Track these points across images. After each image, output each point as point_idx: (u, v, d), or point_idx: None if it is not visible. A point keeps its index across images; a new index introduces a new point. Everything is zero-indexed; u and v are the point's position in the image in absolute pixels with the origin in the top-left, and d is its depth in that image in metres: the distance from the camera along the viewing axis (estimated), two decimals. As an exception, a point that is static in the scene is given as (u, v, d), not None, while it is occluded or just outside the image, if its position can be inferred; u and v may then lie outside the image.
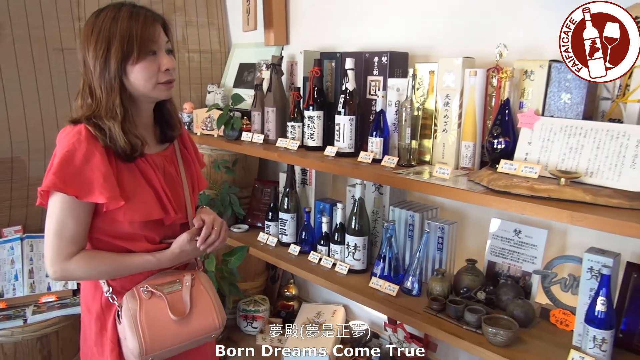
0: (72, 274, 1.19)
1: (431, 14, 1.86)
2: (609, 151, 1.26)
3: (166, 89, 1.23)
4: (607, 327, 1.25)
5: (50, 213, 1.16)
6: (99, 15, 1.19)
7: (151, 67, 1.18)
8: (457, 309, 1.49)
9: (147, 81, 1.19)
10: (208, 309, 1.29)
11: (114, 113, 1.17)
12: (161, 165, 1.29)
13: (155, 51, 1.20)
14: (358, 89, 1.85)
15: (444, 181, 1.45)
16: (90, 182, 1.13)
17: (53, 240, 1.16)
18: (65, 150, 1.13)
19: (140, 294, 1.23)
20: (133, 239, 1.24)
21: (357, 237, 1.85)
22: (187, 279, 1.29)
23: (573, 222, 1.17)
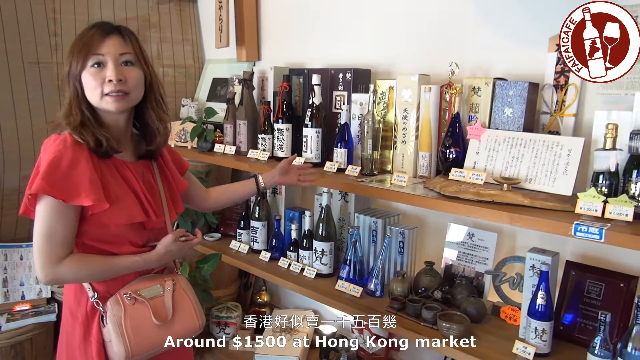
0: (63, 277, 1.21)
1: (392, 35, 2.00)
2: (545, 160, 1.41)
3: (113, 101, 1.22)
4: (547, 318, 1.38)
5: (39, 218, 1.19)
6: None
7: (95, 78, 1.20)
8: (416, 307, 1.60)
9: (93, 91, 1.21)
10: (189, 312, 1.34)
11: (72, 119, 1.22)
12: (140, 172, 1.34)
13: (100, 62, 1.21)
14: (324, 103, 1.97)
15: (401, 188, 1.57)
16: (77, 186, 1.17)
17: (43, 244, 1.18)
18: (52, 156, 1.17)
19: (124, 300, 1.25)
20: (118, 242, 1.27)
21: (324, 242, 1.95)
22: (168, 284, 1.33)
23: (512, 222, 1.30)
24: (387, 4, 2.00)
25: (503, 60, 1.70)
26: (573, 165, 1.36)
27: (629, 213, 1.17)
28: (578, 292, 1.49)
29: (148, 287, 1.30)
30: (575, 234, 1.17)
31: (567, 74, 1.54)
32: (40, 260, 1.18)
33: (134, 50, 1.26)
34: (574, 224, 1.18)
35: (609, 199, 1.21)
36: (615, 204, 1.19)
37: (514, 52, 1.67)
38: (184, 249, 1.36)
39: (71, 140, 1.21)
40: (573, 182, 1.35)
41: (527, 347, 1.38)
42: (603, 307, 1.39)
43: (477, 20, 1.74)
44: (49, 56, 2.41)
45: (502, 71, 1.68)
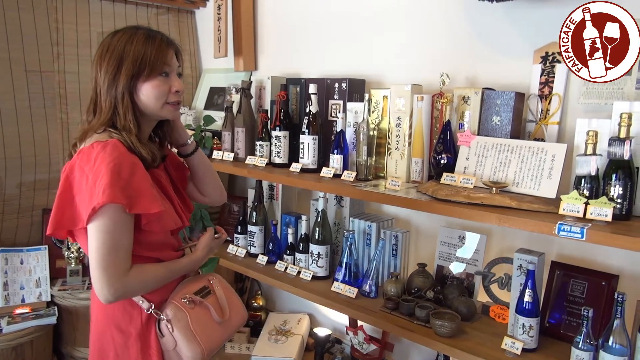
0: (131, 289, 1.19)
1: (386, 46, 2.08)
2: (531, 165, 1.49)
3: (173, 110, 1.30)
4: (534, 315, 1.45)
5: (102, 230, 1.13)
6: (114, 36, 1.26)
7: (162, 87, 1.25)
8: (409, 306, 1.67)
9: (157, 100, 1.25)
10: (238, 304, 1.44)
11: (128, 127, 1.22)
12: (166, 177, 1.37)
13: (168, 73, 1.26)
14: (320, 111, 2.05)
15: (395, 192, 1.64)
16: (140, 194, 1.15)
17: (109, 257, 1.13)
18: (111, 164, 1.13)
19: (184, 305, 1.27)
20: (162, 248, 1.29)
21: (320, 246, 2.01)
22: (215, 283, 1.39)
23: (500, 223, 1.38)
24: (381, 17, 2.09)
25: (491, 71, 1.79)
26: (557, 170, 1.44)
27: (609, 214, 1.25)
28: (563, 290, 1.57)
29: (197, 288, 1.34)
30: (558, 234, 1.25)
31: (551, 85, 1.64)
32: (106, 275, 1.13)
33: (182, 63, 1.34)
34: (557, 224, 1.26)
35: (590, 201, 1.29)
36: (596, 205, 1.27)
37: (501, 63, 1.77)
38: (218, 246, 1.44)
39: (122, 145, 1.19)
40: (557, 186, 1.43)
41: (515, 343, 1.46)
42: (586, 305, 1.46)
43: (467, 34, 1.84)
44: (50, 65, 2.46)
45: (491, 82, 1.77)
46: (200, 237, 1.42)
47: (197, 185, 1.53)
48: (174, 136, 1.43)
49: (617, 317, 1.28)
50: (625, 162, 1.30)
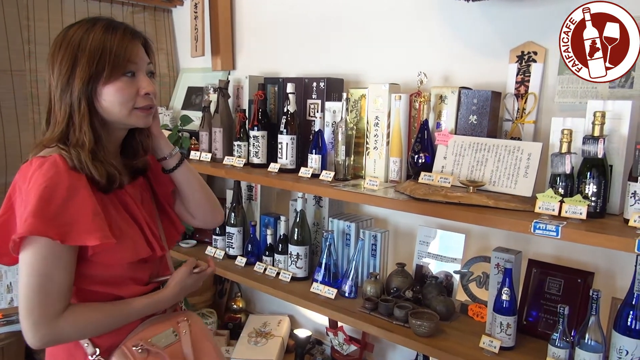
0: (64, 334, 0.99)
1: (364, 45, 2.07)
2: (507, 163, 1.49)
3: (144, 116, 1.09)
4: (511, 313, 1.46)
5: (28, 265, 0.96)
6: (69, 30, 1.06)
7: (127, 90, 1.04)
8: (388, 306, 1.66)
9: (123, 105, 1.05)
10: (212, 355, 1.17)
11: (81, 140, 1.02)
12: (139, 196, 1.17)
13: (134, 72, 1.06)
14: (299, 111, 2.03)
15: (373, 192, 1.63)
16: (77, 222, 0.96)
17: (36, 298, 0.95)
18: (42, 187, 0.95)
19: (134, 353, 1.04)
20: (120, 283, 1.08)
21: (299, 246, 1.99)
22: (183, 326, 1.15)
23: (478, 222, 1.38)
24: (360, 16, 2.08)
25: (469, 71, 1.79)
26: (532, 169, 1.45)
27: (583, 211, 1.26)
28: (540, 288, 1.58)
29: (160, 332, 1.11)
30: (534, 232, 1.26)
31: (527, 84, 1.65)
32: (32, 318, 0.95)
33: (153, 59, 1.13)
34: (533, 223, 1.26)
35: (565, 199, 1.30)
36: (571, 203, 1.28)
37: (478, 63, 1.77)
38: (200, 281, 1.21)
39: (64, 163, 1.00)
40: (533, 184, 1.44)
41: (493, 341, 1.46)
42: (563, 302, 1.47)
43: (445, 34, 1.84)
44: (22, 64, 2.40)
45: (468, 81, 1.78)
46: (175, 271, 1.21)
47: (184, 204, 1.29)
48: (153, 147, 1.20)
49: (593, 314, 1.29)
50: (599, 161, 1.31)
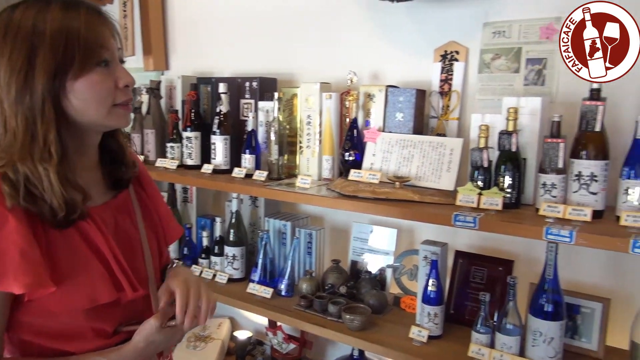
0: None
1: (297, 44, 2.08)
2: (432, 159, 1.55)
3: (125, 113, 0.90)
4: (438, 303, 1.51)
5: None
6: (13, 12, 0.82)
7: (105, 83, 0.85)
8: (322, 302, 1.68)
9: (100, 103, 0.86)
10: None
11: (45, 154, 0.81)
12: (111, 222, 0.93)
13: (108, 60, 0.86)
14: (232, 110, 2.02)
15: (305, 190, 1.65)
16: (2, 263, 0.79)
17: None
18: None
19: None
20: (74, 335, 0.87)
21: (235, 247, 1.98)
22: None
23: (403, 217, 1.42)
24: (292, 16, 2.09)
25: (397, 70, 1.84)
26: (454, 163, 1.51)
27: (499, 203, 1.33)
28: (466, 278, 1.64)
29: None
30: (455, 223, 1.31)
31: (450, 82, 1.71)
32: None
33: (122, 43, 0.93)
34: (453, 215, 1.31)
35: (483, 192, 1.36)
36: (488, 195, 1.35)
37: (406, 62, 1.82)
38: (175, 337, 0.94)
39: None
40: (455, 178, 1.50)
41: (422, 331, 1.51)
42: (486, 290, 1.54)
43: (373, 33, 1.88)
44: None
45: (396, 79, 1.82)
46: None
47: None
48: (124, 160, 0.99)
49: (510, 299, 1.36)
50: (513, 154, 1.39)
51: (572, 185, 1.29)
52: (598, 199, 1.26)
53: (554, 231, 1.18)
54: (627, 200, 1.22)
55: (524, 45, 1.57)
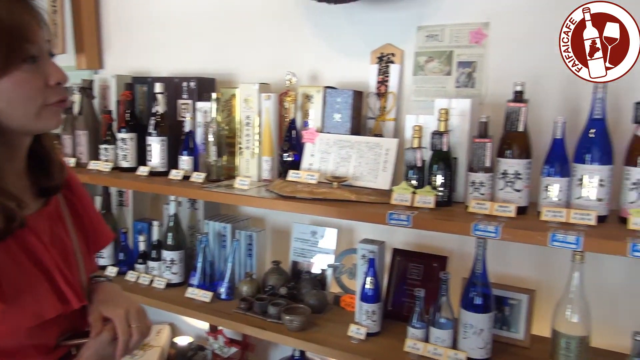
0: None
1: (236, 44, 2.06)
2: (369, 159, 1.58)
3: (57, 114, 0.83)
4: (375, 301, 1.54)
5: None
6: None
7: (33, 82, 0.79)
8: (262, 304, 1.67)
9: (29, 104, 0.79)
10: None
11: None
12: (47, 230, 0.88)
13: (36, 56, 0.79)
14: (169, 111, 1.97)
15: (243, 191, 1.63)
16: None
17: None
18: None
19: None
20: (14, 354, 0.81)
21: (174, 251, 1.93)
22: None
23: (340, 216, 1.44)
24: (230, 15, 2.06)
25: (336, 71, 1.86)
26: (390, 163, 1.54)
27: (432, 201, 1.37)
28: (403, 275, 1.68)
29: None
30: (389, 222, 1.34)
31: (387, 84, 1.75)
32: None
33: (50, 35, 0.84)
34: (387, 213, 1.34)
35: (417, 191, 1.40)
36: (421, 194, 1.38)
37: (344, 63, 1.84)
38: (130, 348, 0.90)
39: None
40: (391, 178, 1.53)
41: (360, 329, 1.53)
42: (422, 286, 1.58)
43: (312, 34, 1.89)
44: None
45: (335, 80, 1.84)
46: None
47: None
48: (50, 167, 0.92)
49: (443, 294, 1.41)
50: (445, 154, 1.43)
51: (498, 183, 1.35)
52: (522, 196, 1.33)
53: (481, 227, 1.23)
54: (548, 197, 1.29)
55: (455, 48, 1.63)
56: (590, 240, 1.13)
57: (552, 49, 1.47)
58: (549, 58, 1.48)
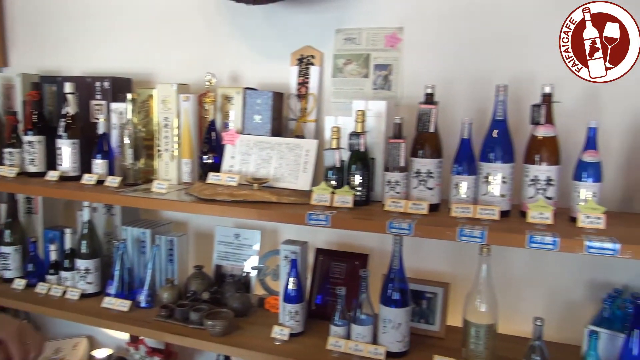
0: None
1: (154, 44, 1.99)
2: (289, 160, 1.58)
3: None
4: (298, 301, 1.55)
5: None
6: None
7: None
8: (184, 311, 1.63)
9: None
10: None
11: None
12: None
13: None
14: (81, 112, 1.87)
15: (161, 195, 1.58)
16: None
17: None
18: None
19: None
20: None
21: (89, 260, 1.84)
22: None
23: (260, 218, 1.43)
24: (147, 14, 1.99)
25: (257, 72, 1.85)
26: (310, 164, 1.56)
27: (350, 201, 1.39)
28: (326, 274, 1.71)
29: None
30: (309, 222, 1.35)
31: (307, 85, 1.76)
32: None
33: None
34: (307, 214, 1.35)
35: (336, 191, 1.42)
36: (340, 194, 1.41)
37: (265, 65, 1.84)
38: None
39: None
40: (311, 178, 1.55)
41: (283, 330, 1.53)
42: (344, 284, 1.61)
43: (231, 35, 1.86)
44: None
45: (256, 82, 1.83)
46: None
47: None
48: None
49: (363, 291, 1.44)
50: (362, 154, 1.47)
51: (412, 181, 1.40)
52: (434, 194, 1.39)
53: (396, 225, 1.27)
54: (457, 194, 1.36)
55: (372, 52, 1.68)
56: (493, 234, 1.20)
57: (461, 53, 1.56)
58: (459, 61, 1.57)
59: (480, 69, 1.55)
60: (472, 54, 1.56)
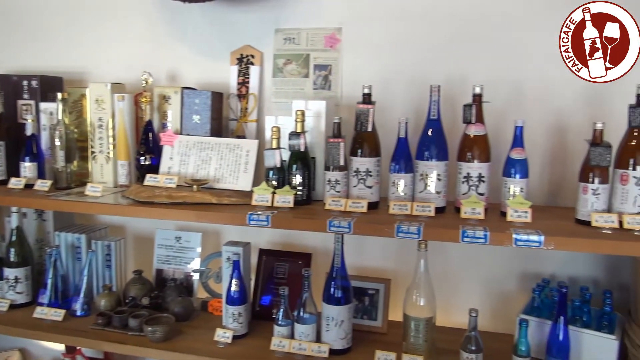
0: None
1: (88, 41, 1.91)
2: (229, 161, 1.56)
3: None
4: (241, 303, 1.53)
5: None
6: None
7: None
8: (122, 318, 1.58)
9: None
10: None
11: None
12: None
13: None
14: (7, 113, 1.77)
15: (96, 199, 1.52)
16: None
17: None
18: None
19: None
20: None
21: (18, 268, 1.74)
22: None
23: (199, 219, 1.41)
24: (82, 10, 1.91)
25: (195, 72, 1.82)
26: (251, 164, 1.55)
27: (291, 200, 1.40)
28: (270, 274, 1.70)
29: None
30: (249, 223, 1.34)
31: (248, 85, 1.75)
32: None
33: None
34: (247, 215, 1.34)
35: (276, 191, 1.42)
36: (281, 194, 1.41)
37: (204, 64, 1.81)
38: None
39: None
40: (252, 179, 1.54)
41: (227, 332, 1.51)
42: (288, 284, 1.61)
43: (168, 33, 1.82)
44: None
45: (195, 81, 1.80)
46: None
47: None
48: None
49: (306, 290, 1.45)
50: (303, 154, 1.47)
51: (352, 180, 1.42)
52: (373, 192, 1.42)
53: (336, 223, 1.29)
54: (395, 192, 1.39)
55: (312, 52, 1.69)
56: (429, 230, 1.24)
57: (399, 54, 1.60)
58: (396, 62, 1.61)
59: (417, 70, 1.59)
60: (409, 55, 1.60)
